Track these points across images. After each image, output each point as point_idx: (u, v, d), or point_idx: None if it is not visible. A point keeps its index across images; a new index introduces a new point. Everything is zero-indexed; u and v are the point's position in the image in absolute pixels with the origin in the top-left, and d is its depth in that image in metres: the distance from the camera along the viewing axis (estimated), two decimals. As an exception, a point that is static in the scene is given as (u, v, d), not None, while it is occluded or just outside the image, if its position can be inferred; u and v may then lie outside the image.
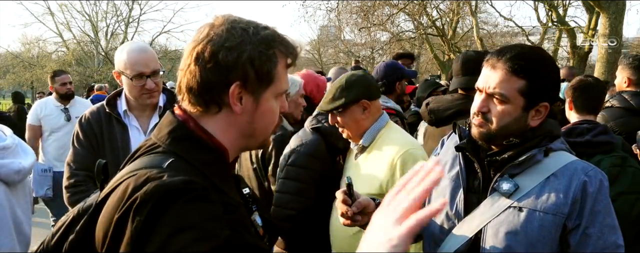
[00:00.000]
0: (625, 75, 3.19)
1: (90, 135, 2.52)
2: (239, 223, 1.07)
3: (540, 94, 1.46)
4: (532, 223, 1.43)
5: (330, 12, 18.63)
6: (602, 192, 1.44)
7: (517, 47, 1.50)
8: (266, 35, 1.11)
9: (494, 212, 1.48)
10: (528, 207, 1.44)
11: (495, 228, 1.47)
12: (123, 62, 2.42)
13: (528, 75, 1.43)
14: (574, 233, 1.43)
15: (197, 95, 1.10)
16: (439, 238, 1.59)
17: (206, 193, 0.99)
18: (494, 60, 1.47)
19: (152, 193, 0.95)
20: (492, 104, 1.47)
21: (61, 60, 32.73)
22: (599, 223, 1.42)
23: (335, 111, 2.28)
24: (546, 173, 1.47)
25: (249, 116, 1.13)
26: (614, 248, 1.43)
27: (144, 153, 1.11)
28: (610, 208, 1.45)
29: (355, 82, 2.30)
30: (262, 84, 1.12)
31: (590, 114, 2.44)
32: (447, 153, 1.70)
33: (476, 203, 1.53)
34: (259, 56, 1.09)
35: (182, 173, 1.01)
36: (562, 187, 1.44)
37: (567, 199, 1.42)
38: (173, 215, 0.94)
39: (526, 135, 1.51)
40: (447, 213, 1.59)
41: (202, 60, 1.08)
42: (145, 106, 2.54)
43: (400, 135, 2.32)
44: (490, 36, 23.34)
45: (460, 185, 1.58)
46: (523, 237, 1.43)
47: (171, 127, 1.12)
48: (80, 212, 1.13)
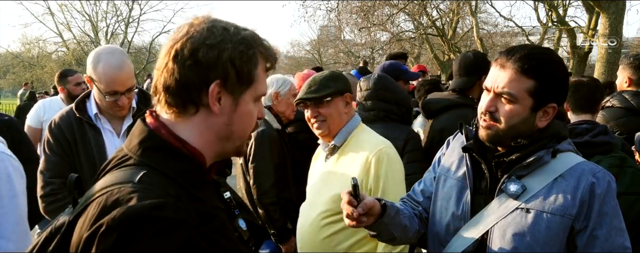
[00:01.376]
0: (625, 75, 3.18)
1: (62, 140, 2.41)
2: (218, 233, 1.02)
3: (549, 95, 1.44)
4: (540, 225, 1.42)
5: (330, 12, 18.61)
6: (609, 193, 1.43)
7: (527, 47, 1.49)
8: (247, 36, 1.09)
9: (501, 213, 1.47)
10: (535, 209, 1.43)
11: (502, 229, 1.46)
12: (98, 74, 2.29)
13: (537, 76, 1.41)
14: (581, 234, 1.42)
15: (174, 95, 1.06)
16: (444, 239, 1.59)
17: (177, 219, 0.93)
18: (503, 60, 1.45)
19: (120, 221, 0.89)
20: (500, 104, 1.46)
21: (61, 60, 32.74)
22: (606, 225, 1.41)
23: (323, 100, 2.24)
24: (554, 174, 1.45)
25: (227, 117, 1.09)
26: (621, 250, 1.42)
27: (116, 165, 1.06)
28: (617, 211, 1.44)
29: (340, 76, 2.33)
30: (242, 85, 1.08)
31: (586, 113, 2.43)
32: (453, 153, 1.68)
33: (483, 204, 1.53)
34: (240, 56, 1.06)
35: (154, 188, 0.96)
36: (570, 188, 1.43)
37: (574, 201, 1.41)
38: (140, 250, 0.89)
39: (534, 136, 1.49)
40: (454, 214, 1.58)
41: (181, 58, 1.04)
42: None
43: (372, 136, 2.30)
44: (490, 36, 23.36)
45: (467, 186, 1.57)
46: (530, 238, 1.43)
47: (142, 136, 1.07)
48: (53, 231, 1.06)
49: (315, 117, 2.26)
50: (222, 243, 1.02)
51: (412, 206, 1.76)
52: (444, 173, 1.68)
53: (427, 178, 1.78)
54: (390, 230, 1.58)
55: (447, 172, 1.67)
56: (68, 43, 33.32)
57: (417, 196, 1.77)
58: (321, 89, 2.26)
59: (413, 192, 1.81)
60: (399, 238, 1.63)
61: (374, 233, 1.60)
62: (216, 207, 1.11)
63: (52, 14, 32.45)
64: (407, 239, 1.67)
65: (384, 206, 1.55)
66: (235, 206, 1.24)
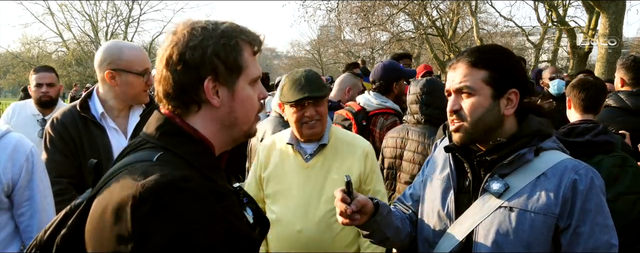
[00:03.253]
0: (619, 75, 3.25)
1: (66, 138, 2.37)
2: (229, 211, 1.10)
3: (506, 82, 1.48)
4: (523, 224, 1.41)
5: (330, 12, 18.61)
6: (593, 190, 1.41)
7: (473, 46, 1.58)
8: (226, 28, 1.16)
9: (484, 212, 1.47)
10: (519, 207, 1.43)
11: (486, 229, 1.46)
12: (128, 58, 2.36)
13: (488, 65, 1.47)
14: (565, 233, 1.40)
15: (175, 99, 1.14)
16: (433, 241, 1.59)
17: (203, 188, 1.02)
18: (454, 62, 1.53)
19: (152, 190, 0.96)
20: (462, 100, 1.49)
21: (61, 60, 32.74)
22: (589, 221, 1.39)
23: (323, 99, 2.28)
24: (536, 172, 1.45)
25: (228, 107, 1.17)
26: (606, 248, 1.39)
27: (134, 149, 1.15)
28: (602, 207, 1.42)
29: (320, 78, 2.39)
30: (233, 74, 1.15)
31: (590, 113, 2.43)
32: (439, 155, 1.70)
33: (467, 203, 1.53)
34: (223, 48, 1.13)
35: (171, 166, 1.04)
36: (553, 186, 1.42)
37: (557, 199, 1.40)
38: (174, 214, 0.96)
39: (515, 134, 1.50)
40: (439, 214, 1.59)
41: (172, 64, 1.12)
42: (123, 107, 2.47)
43: (348, 133, 2.42)
44: (490, 36, 23.36)
45: (451, 186, 1.58)
46: (514, 237, 1.42)
47: (159, 123, 1.16)
48: (73, 207, 1.14)
49: (313, 116, 2.26)
50: (232, 221, 1.10)
51: (402, 209, 1.77)
52: (430, 175, 1.69)
53: (416, 182, 1.79)
54: (383, 230, 1.58)
55: (433, 173, 1.69)
56: (68, 43, 33.33)
57: (407, 200, 1.79)
58: (321, 88, 2.27)
59: (403, 196, 1.82)
60: (391, 239, 1.63)
61: (367, 232, 1.60)
62: (227, 188, 1.18)
63: (52, 14, 32.50)
64: (400, 241, 1.67)
65: (377, 205, 1.56)
66: (243, 195, 1.30)
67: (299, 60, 37.63)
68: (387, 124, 3.18)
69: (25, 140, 2.04)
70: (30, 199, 2.00)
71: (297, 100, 2.25)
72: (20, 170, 1.96)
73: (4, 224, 1.97)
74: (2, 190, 1.93)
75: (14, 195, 1.98)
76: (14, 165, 1.95)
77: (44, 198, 2.05)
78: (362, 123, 3.20)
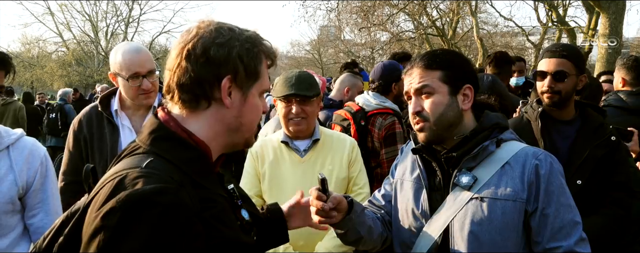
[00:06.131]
0: (620, 75, 3.27)
1: (80, 139, 2.49)
2: (217, 219, 1.10)
3: (460, 78, 1.59)
4: (495, 212, 1.49)
5: (330, 12, 18.65)
6: (553, 173, 1.51)
7: (424, 52, 1.69)
8: (250, 35, 1.19)
9: (458, 206, 1.54)
10: (489, 197, 1.51)
11: (461, 221, 1.52)
12: (118, 63, 2.39)
13: (441, 66, 1.58)
14: (534, 216, 1.50)
15: (188, 91, 1.14)
16: (410, 241, 1.63)
17: (176, 203, 1.01)
18: (409, 68, 1.63)
19: (123, 203, 0.98)
20: (423, 101, 1.58)
21: (61, 60, 32.78)
22: (554, 202, 1.49)
23: (311, 98, 2.34)
24: (500, 162, 1.54)
25: (237, 110, 1.19)
26: (571, 226, 1.50)
27: (128, 154, 1.15)
28: (563, 188, 1.52)
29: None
30: (250, 80, 1.18)
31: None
32: (407, 158, 1.77)
33: (440, 200, 1.59)
34: (247, 53, 1.16)
35: (157, 174, 1.04)
36: (517, 173, 1.52)
37: (523, 184, 1.50)
38: (142, 229, 0.97)
39: (475, 129, 1.59)
40: (415, 214, 1.63)
41: (193, 57, 1.13)
42: (140, 105, 2.52)
43: (334, 131, 2.62)
44: (490, 36, 23.38)
45: (423, 186, 1.64)
46: (488, 225, 1.49)
47: (152, 128, 1.17)
48: (69, 215, 1.15)
49: (298, 114, 2.34)
50: (220, 229, 1.10)
51: (373, 210, 1.80)
52: (400, 178, 1.75)
53: (385, 184, 1.85)
54: (357, 229, 1.60)
55: (402, 175, 1.75)
56: (68, 43, 33.37)
57: (378, 201, 1.83)
58: (309, 88, 2.35)
59: (374, 197, 1.87)
60: (364, 238, 1.65)
61: (341, 231, 1.62)
62: (218, 194, 1.18)
63: (52, 14, 32.55)
64: (372, 241, 1.69)
65: (351, 203, 1.58)
66: (238, 197, 1.32)
67: (299, 60, 37.67)
68: (386, 124, 3.16)
69: (38, 144, 2.11)
70: (43, 201, 2.06)
71: (283, 95, 2.36)
72: (35, 173, 2.03)
73: (14, 225, 2.02)
74: (17, 193, 1.98)
75: (27, 197, 2.03)
76: (30, 168, 2.01)
77: (55, 200, 2.11)
78: (361, 123, 3.19)
